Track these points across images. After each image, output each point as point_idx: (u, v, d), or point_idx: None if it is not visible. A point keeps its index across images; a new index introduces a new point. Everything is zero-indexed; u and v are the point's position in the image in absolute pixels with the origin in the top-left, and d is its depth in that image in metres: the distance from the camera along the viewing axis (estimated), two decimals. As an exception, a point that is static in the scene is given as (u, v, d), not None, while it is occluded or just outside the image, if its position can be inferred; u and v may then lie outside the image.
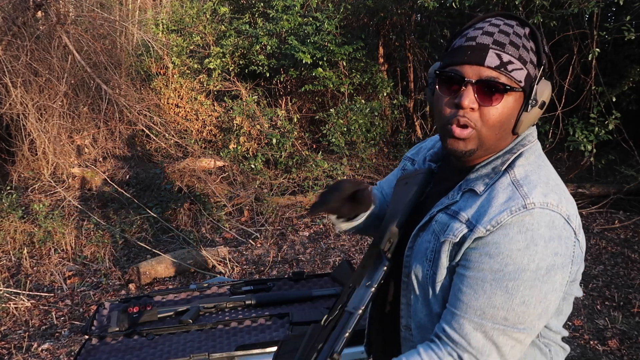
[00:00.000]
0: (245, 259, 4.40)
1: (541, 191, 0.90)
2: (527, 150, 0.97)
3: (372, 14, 6.92)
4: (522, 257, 0.86)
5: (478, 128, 0.92)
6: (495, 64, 0.89)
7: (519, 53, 0.90)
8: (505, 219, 0.87)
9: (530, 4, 5.19)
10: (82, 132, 6.48)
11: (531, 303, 0.87)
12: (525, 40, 0.92)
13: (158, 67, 7.25)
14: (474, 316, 0.89)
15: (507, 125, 0.93)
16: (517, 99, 0.92)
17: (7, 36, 5.75)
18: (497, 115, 0.91)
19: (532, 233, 0.86)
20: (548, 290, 0.87)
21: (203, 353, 1.51)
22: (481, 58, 0.89)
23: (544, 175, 0.94)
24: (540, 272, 0.86)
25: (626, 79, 5.55)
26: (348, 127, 6.18)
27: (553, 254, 0.86)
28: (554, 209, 0.88)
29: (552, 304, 0.89)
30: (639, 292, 3.56)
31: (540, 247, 0.86)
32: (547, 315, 0.90)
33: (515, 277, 0.86)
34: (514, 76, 0.90)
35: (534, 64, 0.93)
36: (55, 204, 5.52)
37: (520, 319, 0.88)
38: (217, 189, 5.52)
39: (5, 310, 3.64)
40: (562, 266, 0.88)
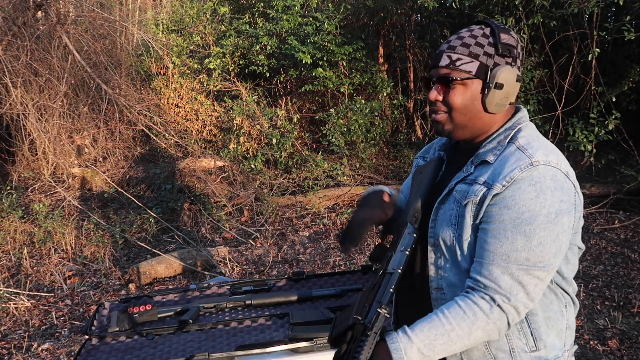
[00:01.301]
0: (245, 259, 4.41)
1: (543, 152, 1.09)
2: (524, 126, 1.17)
3: (372, 14, 6.92)
4: (535, 205, 1.04)
5: (449, 113, 1.17)
6: (446, 63, 1.14)
7: (469, 50, 1.13)
8: (516, 174, 1.06)
9: (530, 4, 5.19)
10: (82, 132, 6.48)
11: (547, 243, 1.04)
12: (481, 38, 1.14)
13: (158, 67, 7.25)
14: (500, 261, 1.06)
15: (473, 107, 1.15)
16: (475, 85, 1.14)
17: (7, 36, 5.75)
18: (458, 101, 1.14)
19: (540, 184, 1.04)
20: (559, 231, 1.05)
21: (203, 353, 1.50)
22: (437, 61, 1.16)
23: (542, 142, 1.14)
24: (551, 216, 1.04)
25: (626, 79, 5.55)
26: (348, 127, 6.18)
27: (559, 201, 1.04)
28: (555, 165, 1.07)
29: (563, 244, 1.07)
30: (639, 292, 3.56)
31: (548, 196, 1.04)
32: (561, 253, 1.07)
33: (531, 221, 1.04)
34: (463, 69, 1.13)
35: (489, 55, 1.13)
36: (55, 204, 5.52)
37: (539, 257, 1.04)
38: (217, 189, 5.52)
39: (5, 310, 3.64)
40: (568, 211, 1.06)
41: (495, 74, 1.12)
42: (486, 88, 1.13)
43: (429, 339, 1.06)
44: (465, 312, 1.07)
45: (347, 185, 5.74)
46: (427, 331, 1.07)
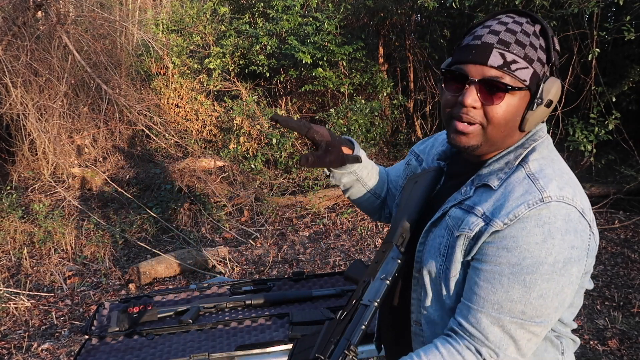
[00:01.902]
0: (245, 259, 4.40)
1: (557, 184, 0.90)
2: (540, 144, 0.98)
3: (372, 14, 6.92)
4: (540, 250, 0.87)
5: (484, 125, 0.94)
6: (499, 63, 0.90)
7: (524, 52, 0.91)
8: (522, 212, 0.88)
9: (530, 4, 5.19)
10: (82, 132, 6.48)
11: (548, 296, 0.88)
12: (534, 38, 0.92)
13: (158, 67, 7.25)
14: (492, 310, 0.90)
15: (513, 123, 0.95)
16: (523, 97, 0.93)
17: (7, 36, 5.75)
18: (501, 113, 0.93)
19: (550, 226, 0.87)
20: (565, 283, 0.88)
21: (203, 353, 1.51)
22: (485, 57, 0.91)
23: (558, 168, 0.95)
24: (558, 265, 0.87)
25: (626, 79, 5.55)
26: (348, 127, 6.18)
27: (570, 247, 0.87)
28: (570, 202, 0.89)
29: (568, 297, 0.91)
30: (638, 292, 3.56)
31: (557, 240, 0.87)
32: (563, 307, 0.91)
33: (533, 270, 0.87)
34: (518, 75, 0.91)
35: (542, 62, 0.93)
36: (55, 204, 5.52)
37: (538, 312, 0.89)
38: (217, 189, 5.52)
39: (5, 310, 3.64)
40: (579, 259, 0.89)
41: (549, 89, 0.93)
42: (534, 103, 0.93)
43: None
44: None
45: (347, 185, 5.73)
46: None
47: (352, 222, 5.07)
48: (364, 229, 4.86)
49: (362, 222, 5.06)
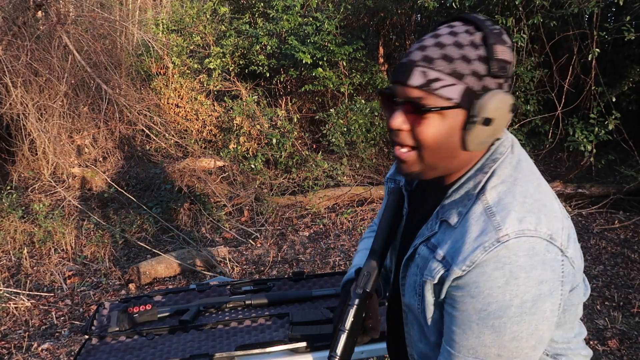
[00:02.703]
0: (245, 259, 4.41)
1: (516, 217, 0.83)
2: (500, 165, 0.89)
3: (372, 14, 6.92)
4: (504, 294, 0.81)
5: (417, 149, 0.88)
6: (419, 82, 0.83)
7: (452, 67, 0.82)
8: (479, 257, 0.82)
9: (530, 4, 5.19)
10: (82, 132, 6.48)
11: (522, 337, 0.83)
12: (469, 49, 0.83)
13: (158, 67, 7.25)
14: (468, 355, 0.87)
15: (449, 145, 0.86)
16: (456, 116, 0.84)
17: (7, 36, 5.75)
18: (429, 136, 0.85)
19: (511, 267, 0.80)
20: (538, 321, 0.83)
21: (203, 353, 1.51)
22: (406, 77, 0.84)
23: (519, 193, 0.86)
24: (527, 305, 0.81)
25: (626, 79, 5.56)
26: (348, 127, 6.18)
27: (538, 283, 0.81)
28: (532, 234, 0.82)
29: (545, 333, 0.86)
30: (638, 292, 3.56)
31: (522, 280, 0.80)
32: (543, 344, 0.87)
33: (500, 315, 0.82)
34: (442, 94, 0.82)
35: (478, 75, 0.83)
36: (55, 204, 5.52)
37: (514, 354, 0.85)
38: (217, 189, 5.52)
39: (5, 310, 3.64)
40: (550, 292, 0.83)
41: (484, 105, 0.82)
42: (469, 123, 0.84)
43: None
44: None
45: (347, 185, 5.74)
46: None
47: (352, 222, 5.07)
48: (364, 229, 4.86)
49: (362, 222, 5.06)
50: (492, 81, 0.84)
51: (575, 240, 0.89)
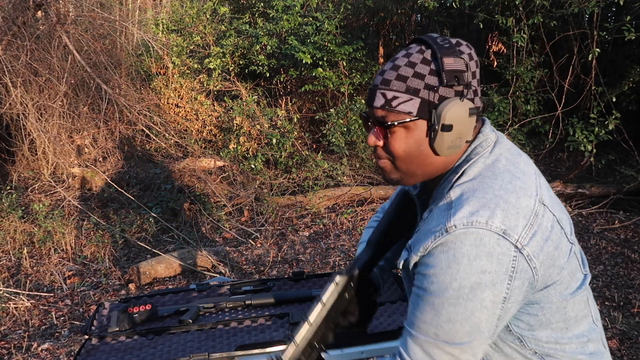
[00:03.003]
0: (245, 259, 4.40)
1: (468, 210, 0.89)
2: (472, 164, 0.96)
3: (372, 14, 6.92)
4: (445, 275, 0.88)
5: (392, 161, 1.00)
6: (381, 103, 0.95)
7: (406, 85, 0.93)
8: (430, 244, 0.91)
9: (531, 3, 5.19)
10: (82, 132, 6.48)
11: (457, 320, 0.89)
12: (421, 66, 0.93)
13: (158, 67, 7.24)
14: (412, 329, 0.95)
15: (420, 152, 0.96)
16: (418, 127, 0.95)
17: (7, 36, 5.75)
18: (398, 148, 0.96)
19: (455, 252, 0.87)
20: (475, 308, 0.88)
21: (203, 353, 1.51)
22: (371, 100, 0.97)
23: (481, 189, 0.91)
24: (464, 291, 0.87)
25: (626, 79, 5.55)
26: (348, 127, 6.18)
27: (479, 272, 0.86)
28: (482, 227, 0.87)
29: (483, 322, 0.89)
30: (639, 292, 3.56)
31: (463, 266, 0.87)
32: (480, 332, 0.90)
33: (439, 294, 0.89)
34: (401, 109, 0.93)
35: (432, 87, 0.93)
36: (55, 204, 5.52)
37: (450, 335, 0.90)
38: (217, 189, 5.52)
39: (5, 310, 3.64)
40: (493, 284, 0.87)
41: (441, 113, 0.92)
42: (432, 131, 0.94)
43: None
44: None
45: (347, 185, 5.74)
46: None
47: (352, 222, 5.07)
48: (364, 229, 4.86)
49: (362, 222, 5.06)
50: (448, 90, 0.93)
51: (549, 238, 0.92)
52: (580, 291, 0.99)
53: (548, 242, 0.91)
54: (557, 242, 0.93)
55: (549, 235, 0.92)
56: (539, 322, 0.97)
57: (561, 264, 0.94)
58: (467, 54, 0.96)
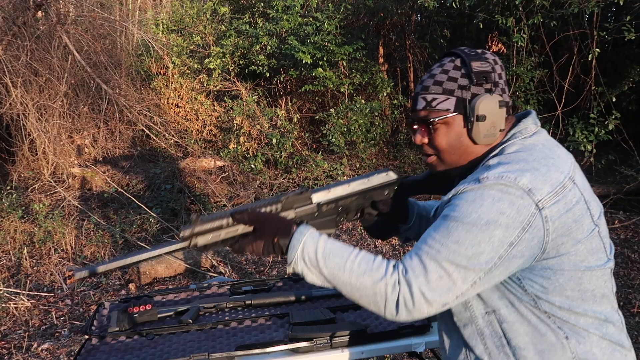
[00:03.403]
0: (245, 259, 4.41)
1: (501, 170, 1.02)
2: (509, 145, 1.09)
3: (372, 14, 6.92)
4: (468, 207, 1.01)
5: (437, 155, 1.16)
6: (423, 105, 1.13)
7: (442, 87, 1.11)
8: (461, 188, 1.05)
9: (531, 4, 5.19)
10: (82, 132, 6.49)
11: (463, 244, 1.00)
12: (454, 72, 1.11)
13: (158, 67, 7.25)
14: (419, 244, 1.06)
15: (461, 143, 1.13)
16: (457, 121, 1.12)
17: (7, 36, 5.75)
18: (443, 141, 1.13)
19: (482, 192, 1.01)
20: (483, 239, 0.99)
21: (203, 353, 1.51)
22: (415, 105, 1.15)
23: (516, 160, 1.04)
24: (480, 222, 0.99)
25: (626, 79, 5.55)
26: (348, 127, 6.18)
27: (498, 212, 0.98)
28: (510, 181, 0.99)
29: (484, 255, 0.99)
30: (638, 292, 3.56)
31: (486, 203, 0.99)
32: (478, 262, 0.99)
33: (457, 219, 1.01)
34: (441, 107, 1.11)
35: (464, 87, 1.10)
36: (55, 204, 5.52)
37: (451, 255, 1.00)
38: (217, 189, 5.52)
39: (5, 310, 3.64)
40: (507, 226, 0.98)
41: (475, 106, 1.08)
42: (468, 122, 1.10)
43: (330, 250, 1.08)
44: (374, 260, 1.06)
45: (347, 185, 5.73)
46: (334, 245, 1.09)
47: (352, 222, 5.08)
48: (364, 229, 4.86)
49: (362, 222, 5.06)
50: (478, 88, 1.10)
51: (570, 210, 1.01)
52: (600, 269, 1.06)
53: (568, 213, 1.01)
54: (578, 217, 1.02)
55: (571, 208, 1.01)
56: (552, 285, 1.04)
57: (578, 237, 1.02)
58: (492, 59, 1.12)
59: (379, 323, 1.67)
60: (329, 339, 1.53)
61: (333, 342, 1.53)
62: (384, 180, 1.31)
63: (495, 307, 1.08)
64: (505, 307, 1.07)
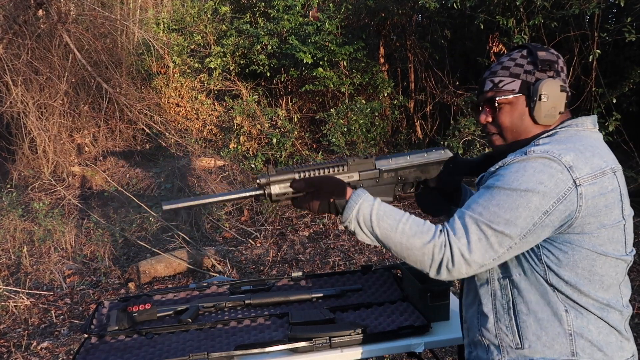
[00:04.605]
0: (245, 259, 4.41)
1: (547, 147, 1.11)
2: (565, 130, 1.18)
3: (373, 14, 6.92)
4: (510, 176, 1.10)
5: (500, 133, 1.26)
6: (490, 87, 1.24)
7: (509, 71, 1.22)
8: (508, 160, 1.14)
9: (531, 5, 5.19)
10: (83, 131, 6.49)
11: (503, 207, 1.09)
12: (521, 60, 1.22)
13: (159, 66, 7.25)
14: (464, 208, 1.15)
15: (522, 122, 1.22)
16: (520, 101, 1.21)
17: (8, 35, 5.75)
18: (506, 119, 1.23)
19: (525, 164, 1.10)
20: (520, 204, 1.08)
21: (202, 352, 1.51)
22: (482, 87, 1.26)
23: (564, 142, 1.13)
24: (521, 189, 1.08)
25: (627, 80, 5.54)
26: (348, 127, 6.18)
27: (538, 182, 1.07)
28: (554, 155, 1.09)
29: (520, 219, 1.08)
30: (638, 293, 3.56)
31: (528, 173, 1.08)
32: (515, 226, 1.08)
33: (499, 186, 1.11)
34: (506, 89, 1.22)
35: (530, 72, 1.20)
36: (55, 203, 5.52)
37: (491, 216, 1.09)
38: (217, 188, 5.52)
39: (5, 308, 3.64)
40: (544, 194, 1.07)
41: (538, 87, 1.18)
42: (531, 102, 1.19)
43: (384, 212, 1.16)
44: (423, 224, 1.15)
45: (347, 185, 5.73)
46: (388, 208, 1.18)
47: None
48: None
49: (362, 222, 5.06)
50: (542, 74, 1.20)
51: (604, 195, 1.09)
52: (615, 259, 1.14)
53: (601, 197, 1.10)
54: (610, 203, 1.11)
55: (606, 193, 1.10)
56: (567, 259, 1.12)
57: (604, 222, 1.11)
58: (556, 54, 1.23)
59: (378, 323, 1.68)
60: (328, 339, 1.53)
61: (332, 342, 1.53)
62: (440, 157, 1.41)
63: (510, 273, 1.18)
64: (519, 275, 1.17)
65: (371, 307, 1.80)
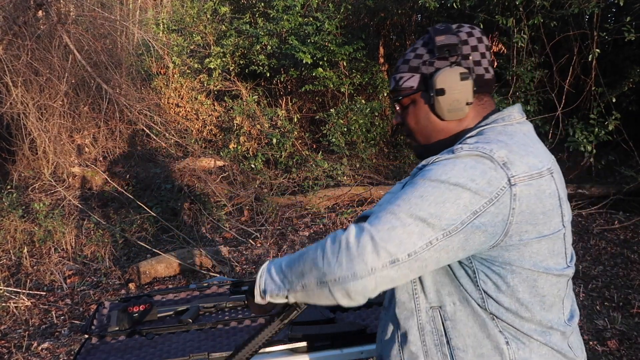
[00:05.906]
0: (245, 259, 4.41)
1: (477, 144, 0.97)
2: (492, 128, 1.03)
3: (372, 14, 6.92)
4: (439, 169, 0.94)
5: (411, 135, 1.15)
6: (393, 85, 1.13)
7: (408, 65, 1.09)
8: (434, 158, 0.98)
9: (531, 4, 5.19)
10: (83, 132, 6.49)
11: (428, 199, 0.92)
12: (421, 49, 1.09)
13: (158, 67, 7.25)
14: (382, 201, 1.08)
15: (429, 122, 1.10)
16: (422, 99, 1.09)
17: (8, 35, 5.75)
18: (412, 121, 1.12)
19: (456, 159, 0.95)
20: (448, 199, 0.91)
21: (202, 353, 1.51)
22: (390, 85, 1.15)
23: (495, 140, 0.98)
24: (449, 182, 0.92)
25: (626, 79, 5.55)
26: (348, 127, 6.18)
27: (469, 179, 0.92)
28: (485, 152, 0.94)
29: (446, 215, 0.91)
30: (638, 292, 3.56)
31: (458, 168, 0.93)
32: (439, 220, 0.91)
33: (425, 177, 0.95)
34: (405, 86, 1.09)
35: (429, 63, 1.06)
36: (56, 203, 5.52)
37: (412, 207, 0.92)
38: (217, 188, 5.52)
39: (5, 309, 3.64)
40: (475, 192, 0.91)
41: (433, 80, 1.04)
42: (430, 98, 1.06)
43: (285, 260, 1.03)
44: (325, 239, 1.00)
45: (347, 185, 5.74)
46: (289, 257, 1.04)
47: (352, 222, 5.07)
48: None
49: (362, 222, 5.06)
50: (442, 62, 1.05)
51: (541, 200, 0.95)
52: (557, 276, 1.01)
53: (538, 202, 0.95)
54: (548, 210, 0.96)
55: (542, 198, 0.96)
56: (505, 285, 0.98)
57: (543, 231, 0.96)
58: (467, 32, 1.06)
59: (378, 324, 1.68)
60: (328, 339, 1.53)
61: (332, 342, 1.53)
62: None
63: (442, 302, 1.02)
64: (452, 304, 1.01)
65: (371, 307, 1.80)
